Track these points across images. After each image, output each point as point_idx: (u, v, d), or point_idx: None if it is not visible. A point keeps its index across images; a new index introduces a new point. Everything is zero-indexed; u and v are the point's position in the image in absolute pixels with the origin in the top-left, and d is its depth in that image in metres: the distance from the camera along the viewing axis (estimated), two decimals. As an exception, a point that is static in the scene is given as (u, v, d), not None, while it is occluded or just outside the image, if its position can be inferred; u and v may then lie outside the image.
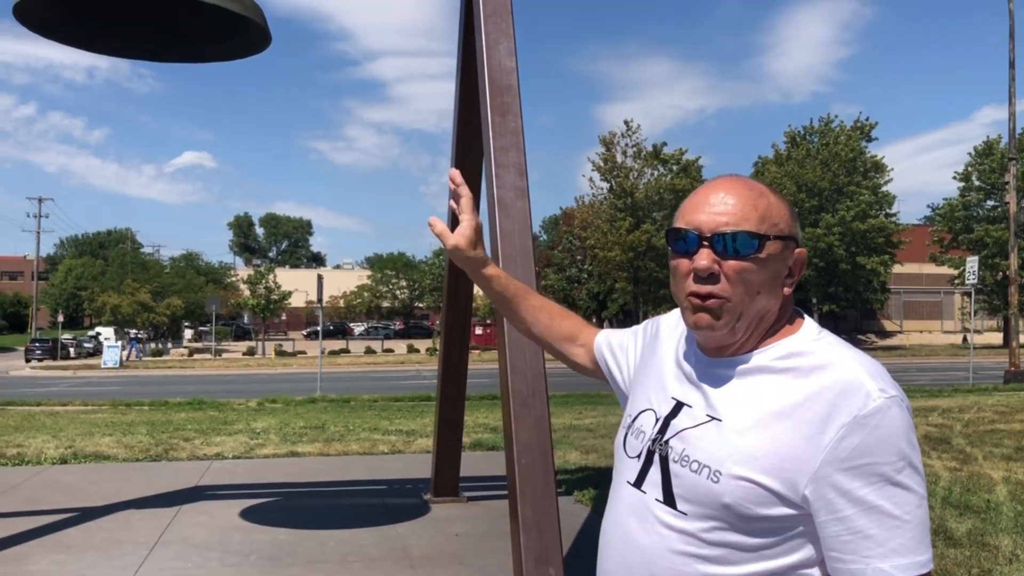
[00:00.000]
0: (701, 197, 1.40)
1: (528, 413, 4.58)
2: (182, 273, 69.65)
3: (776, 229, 1.35)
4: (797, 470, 1.24)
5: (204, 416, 15.23)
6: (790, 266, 1.38)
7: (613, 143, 50.37)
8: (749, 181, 1.39)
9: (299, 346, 59.23)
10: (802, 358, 1.32)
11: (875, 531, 1.20)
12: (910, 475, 1.21)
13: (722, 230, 1.34)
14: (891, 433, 1.21)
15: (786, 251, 1.37)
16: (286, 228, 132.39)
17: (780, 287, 1.37)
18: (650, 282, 50.07)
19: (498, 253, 5.02)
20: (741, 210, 1.34)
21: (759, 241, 1.33)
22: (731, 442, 1.31)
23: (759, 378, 1.34)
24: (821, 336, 1.37)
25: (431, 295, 78.90)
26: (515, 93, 5.42)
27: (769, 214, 1.35)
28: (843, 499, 1.21)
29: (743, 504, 1.27)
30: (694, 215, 1.38)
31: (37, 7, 4.47)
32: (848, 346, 1.35)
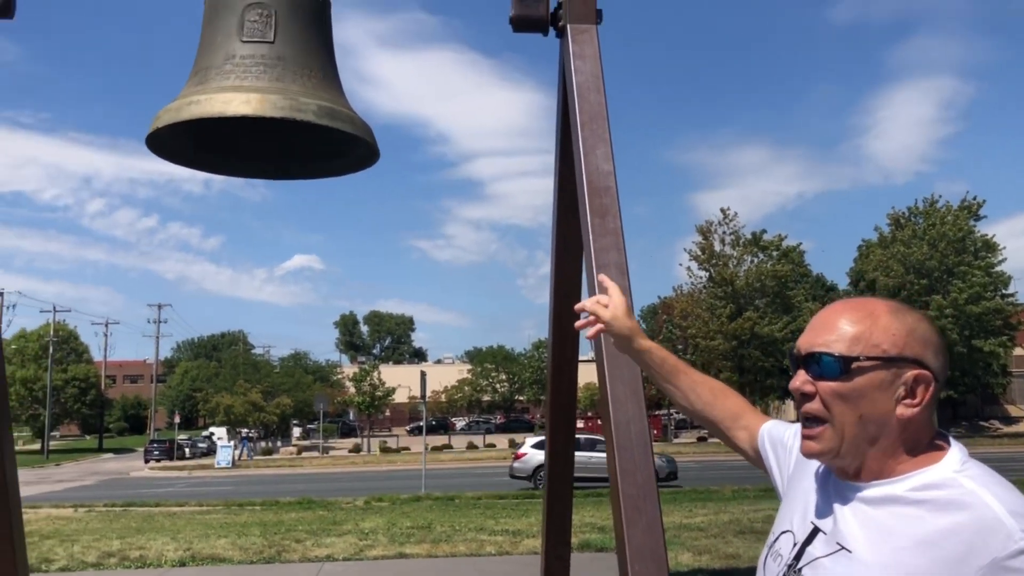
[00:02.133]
0: (812, 318, 1.43)
1: (640, 517, 4.50)
2: (291, 372, 71.64)
3: (876, 350, 1.32)
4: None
5: (314, 516, 15.45)
6: (907, 388, 1.32)
7: (710, 231, 50.13)
8: (864, 301, 1.38)
9: (403, 442, 59.66)
10: (940, 491, 1.27)
11: None
12: None
13: (811, 350, 1.36)
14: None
15: (891, 373, 1.32)
16: (389, 325, 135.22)
17: (891, 410, 1.33)
18: (756, 371, 48.85)
19: (602, 353, 5.04)
20: (834, 331, 1.35)
21: (843, 363, 1.33)
22: (860, 575, 1.28)
23: (892, 509, 1.30)
24: (964, 467, 1.30)
25: (531, 388, 78.77)
26: (613, 195, 5.53)
27: (868, 335, 1.33)
28: None
29: None
30: (802, 336, 1.42)
31: (167, 137, 4.83)
32: (994, 478, 1.28)
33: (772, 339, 46.65)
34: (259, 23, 4.80)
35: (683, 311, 51.95)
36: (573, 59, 5.83)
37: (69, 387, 67.10)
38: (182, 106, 4.34)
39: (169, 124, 4.42)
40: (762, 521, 12.34)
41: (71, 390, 67.36)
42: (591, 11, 5.88)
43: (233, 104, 4.22)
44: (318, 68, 4.85)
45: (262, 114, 4.27)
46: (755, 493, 18.90)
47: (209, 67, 4.60)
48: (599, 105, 5.69)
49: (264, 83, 4.42)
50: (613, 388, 5.03)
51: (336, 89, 5.27)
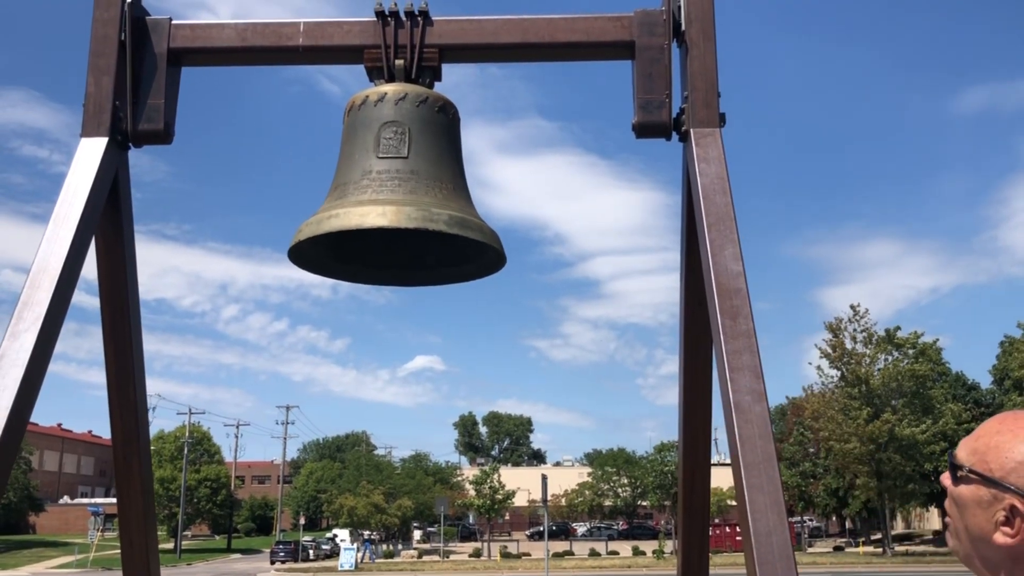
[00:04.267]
0: None
1: (785, 635, 4.24)
2: (412, 474, 72.14)
3: (982, 466, 1.31)
4: None
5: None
6: (1005, 515, 1.29)
7: (840, 328, 48.43)
8: (1014, 414, 1.36)
9: (523, 547, 58.66)
10: None
11: None
12: None
13: (952, 451, 1.40)
14: None
15: (991, 494, 1.30)
16: (508, 426, 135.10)
17: (991, 532, 1.30)
18: (895, 476, 46.08)
19: (739, 460, 4.85)
20: (968, 438, 1.38)
21: (954, 469, 1.35)
22: None
23: None
24: None
25: (654, 493, 76.51)
26: (744, 296, 5.42)
27: (985, 451, 1.33)
28: None
29: None
30: None
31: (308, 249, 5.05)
32: None
33: (913, 442, 44.10)
34: (394, 140, 5.04)
35: (815, 412, 49.88)
36: (698, 162, 5.85)
37: (202, 487, 69.41)
38: (322, 219, 4.58)
39: (310, 237, 4.65)
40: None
41: (203, 490, 69.64)
42: (714, 115, 5.90)
43: (370, 217, 4.42)
44: (449, 180, 5.04)
45: (397, 225, 4.45)
46: (902, 610, 17.59)
47: (347, 182, 4.85)
48: (726, 206, 5.66)
49: (399, 196, 4.61)
50: (752, 498, 4.82)
51: (465, 199, 5.45)
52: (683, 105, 5.17)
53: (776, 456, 4.99)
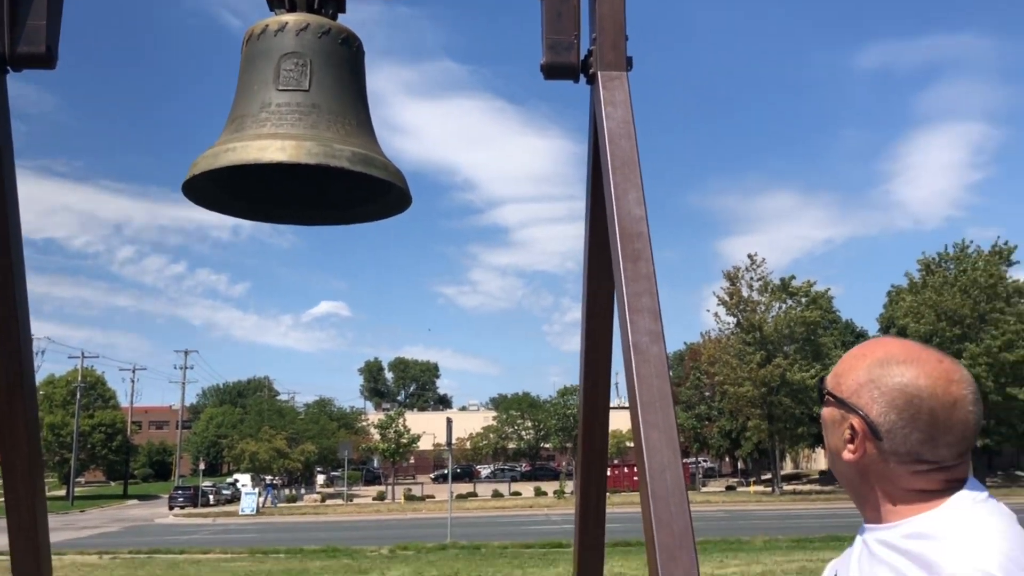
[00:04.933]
0: None
1: (676, 566, 4.40)
2: (316, 419, 71.60)
3: (837, 389, 1.39)
4: None
5: (339, 564, 15.31)
6: (850, 434, 1.36)
7: (738, 277, 49.91)
8: (872, 343, 1.41)
9: (427, 490, 59.27)
10: (926, 541, 1.26)
11: None
12: None
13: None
14: None
15: (840, 415, 1.38)
16: (414, 371, 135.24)
17: (840, 449, 1.38)
18: (785, 419, 48.20)
19: (636, 399, 4.97)
20: (836, 364, 1.44)
21: (819, 392, 1.44)
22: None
23: (886, 555, 1.30)
24: (956, 514, 1.29)
25: (557, 436, 78.14)
26: (646, 240, 5.51)
27: (841, 373, 1.40)
28: None
29: None
30: None
31: (203, 184, 4.89)
32: (976, 527, 1.26)
33: (803, 386, 46.08)
34: (295, 72, 4.87)
35: (711, 357, 51.55)
36: (604, 106, 5.87)
37: (96, 433, 67.46)
38: (219, 153, 4.41)
39: (205, 171, 4.48)
40: (795, 573, 12.07)
41: (97, 436, 67.71)
42: (621, 58, 5.92)
43: (269, 151, 4.28)
44: (352, 115, 4.92)
45: (297, 161, 4.32)
46: (787, 544, 18.53)
47: (245, 115, 4.67)
48: (630, 151, 5.71)
49: (299, 130, 4.47)
50: (648, 435, 4.96)
51: (369, 136, 5.33)
52: (591, 47, 5.16)
53: (672, 396, 5.14)
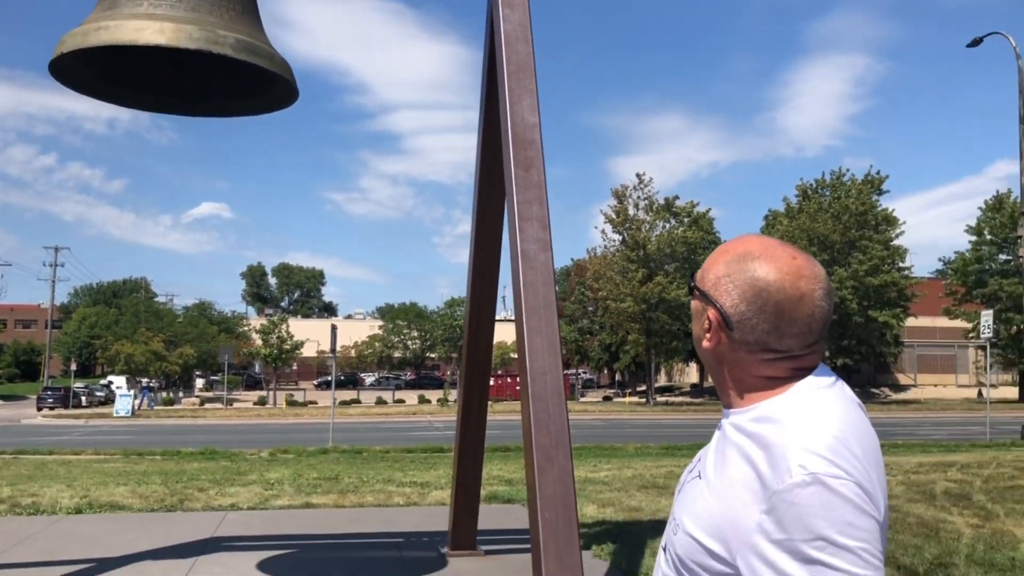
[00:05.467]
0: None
1: (552, 466, 4.57)
2: (195, 322, 69.95)
3: (701, 282, 1.46)
4: (734, 536, 1.27)
5: (217, 466, 15.19)
6: (708, 324, 1.43)
7: (626, 196, 50.72)
8: (741, 238, 1.48)
9: (310, 396, 59.11)
10: (768, 423, 1.32)
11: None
12: (835, 554, 1.19)
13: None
14: (806, 512, 1.20)
15: (702, 306, 1.46)
16: (298, 278, 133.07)
17: (702, 338, 1.45)
18: (662, 334, 49.94)
19: (521, 305, 5.05)
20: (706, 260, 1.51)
21: (689, 289, 1.51)
22: (695, 500, 1.39)
23: (735, 437, 1.36)
24: (797, 399, 1.35)
25: (443, 346, 78.86)
26: (538, 148, 5.51)
27: (706, 267, 1.47)
28: (769, 569, 1.22)
29: (686, 558, 1.35)
30: None
31: (73, 64, 4.58)
32: (813, 410, 1.32)
33: (679, 303, 47.71)
34: (176, -52, 4.55)
35: (596, 273, 52.60)
36: (501, 7, 5.76)
37: (-44, 330, 64.03)
38: (89, 31, 4.10)
39: (75, 50, 4.18)
40: (664, 476, 12.69)
41: (-42, 333, 64.31)
42: (521, -41, 5.79)
43: (146, 33, 4.01)
44: (236, 1, 4.65)
45: (176, 45, 4.07)
46: (657, 451, 19.43)
47: (121, -9, 4.35)
48: (527, 56, 5.65)
49: (180, 13, 4.21)
50: (531, 340, 5.06)
51: (255, 24, 5.06)
52: (490, -55, 5.00)
53: (556, 304, 5.22)
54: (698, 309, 1.48)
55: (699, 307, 1.47)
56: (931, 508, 9.79)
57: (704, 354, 1.48)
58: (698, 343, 1.48)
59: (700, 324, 1.47)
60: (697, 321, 1.48)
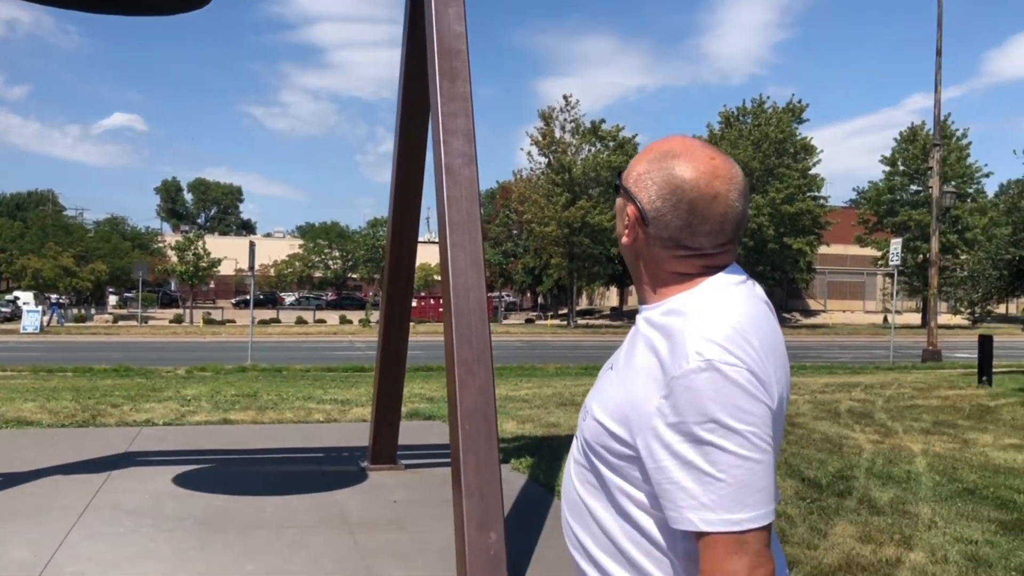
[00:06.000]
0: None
1: (473, 380, 4.59)
2: (107, 238, 67.59)
3: (625, 180, 1.48)
4: (636, 420, 1.33)
5: (131, 383, 14.89)
6: (629, 220, 1.46)
7: (552, 118, 50.39)
8: (666, 138, 1.49)
9: (228, 315, 58.10)
10: (674, 316, 1.37)
11: (689, 484, 1.26)
12: (725, 436, 1.24)
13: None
14: (700, 396, 1.25)
15: (623, 202, 1.48)
16: (216, 194, 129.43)
17: (623, 234, 1.49)
18: (585, 258, 50.39)
19: (445, 220, 4.99)
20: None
21: (615, 187, 1.52)
22: (603, 388, 1.45)
23: (644, 329, 1.41)
24: (705, 293, 1.39)
25: (365, 266, 78.14)
26: (464, 59, 5.38)
27: (631, 166, 1.49)
28: (664, 451, 1.28)
29: (593, 442, 1.42)
30: None
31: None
32: (718, 303, 1.37)
33: (602, 228, 48.09)
34: None
35: (521, 196, 52.49)
36: (429, -91, 5.52)
37: None
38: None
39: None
40: (582, 395, 12.94)
41: None
42: None
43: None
44: None
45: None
46: (577, 371, 19.79)
47: None
48: (454, -39, 5.46)
49: None
50: (454, 257, 5.02)
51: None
52: None
53: (480, 219, 5.18)
54: (620, 206, 1.50)
55: (621, 204, 1.50)
56: (835, 425, 10.25)
57: (623, 250, 1.51)
58: (620, 240, 1.51)
59: (621, 220, 1.50)
60: (619, 218, 1.51)
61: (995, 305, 21.08)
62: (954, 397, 13.33)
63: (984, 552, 5.20)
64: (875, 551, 5.20)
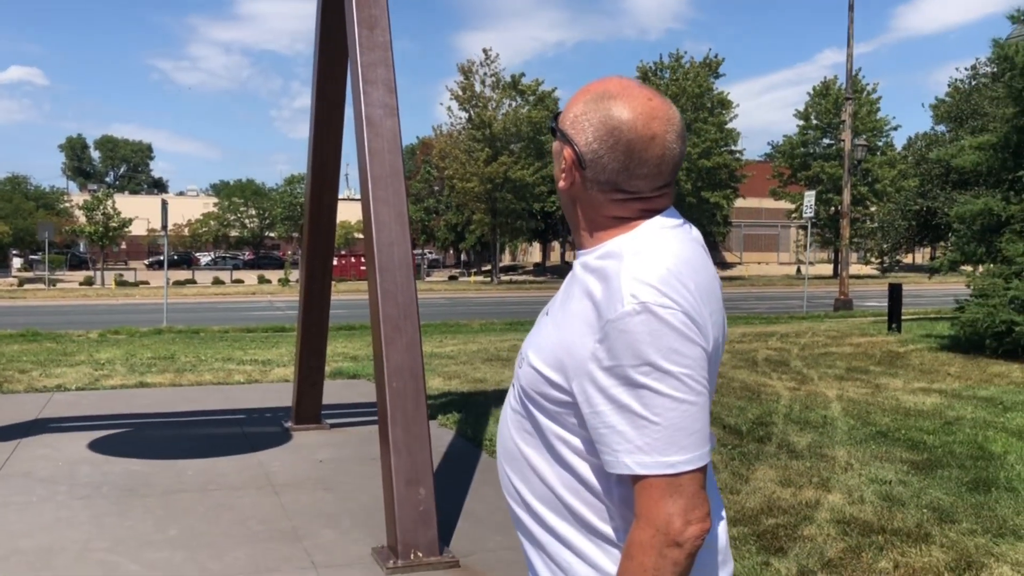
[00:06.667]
0: None
1: (400, 336, 4.52)
2: (8, 197, 64.68)
3: (561, 123, 1.43)
4: (571, 365, 1.31)
5: (41, 348, 14.33)
6: (565, 164, 1.42)
7: (472, 72, 49.80)
8: (603, 79, 1.44)
9: (141, 276, 56.40)
10: (610, 259, 1.34)
11: (624, 428, 1.24)
12: (660, 379, 1.23)
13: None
14: (635, 339, 1.24)
15: (560, 146, 1.43)
16: (124, 152, 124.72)
17: (559, 180, 1.45)
18: (507, 214, 50.31)
19: (367, 174, 4.87)
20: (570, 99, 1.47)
21: (550, 131, 1.46)
22: (539, 334, 1.43)
23: (581, 274, 1.38)
24: (641, 236, 1.36)
25: (282, 224, 76.61)
26: (383, 6, 5.22)
27: (567, 108, 1.44)
28: (600, 395, 1.26)
29: (529, 388, 1.40)
30: None
31: None
32: (653, 246, 1.33)
33: (524, 183, 48.03)
34: None
35: (442, 152, 51.96)
36: None
37: None
38: None
39: None
40: (508, 350, 12.98)
41: None
42: None
43: None
44: None
45: None
46: (502, 327, 19.84)
47: None
48: (371, -96, 5.25)
49: None
50: (377, 211, 4.90)
51: None
52: None
53: (403, 172, 5.06)
54: (557, 150, 1.46)
55: (558, 147, 1.45)
56: (753, 374, 10.51)
57: (561, 194, 1.47)
58: (557, 184, 1.47)
59: (558, 164, 1.45)
60: (556, 162, 1.46)
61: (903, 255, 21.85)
62: (866, 344, 13.80)
63: (897, 491, 5.41)
64: (795, 494, 5.36)
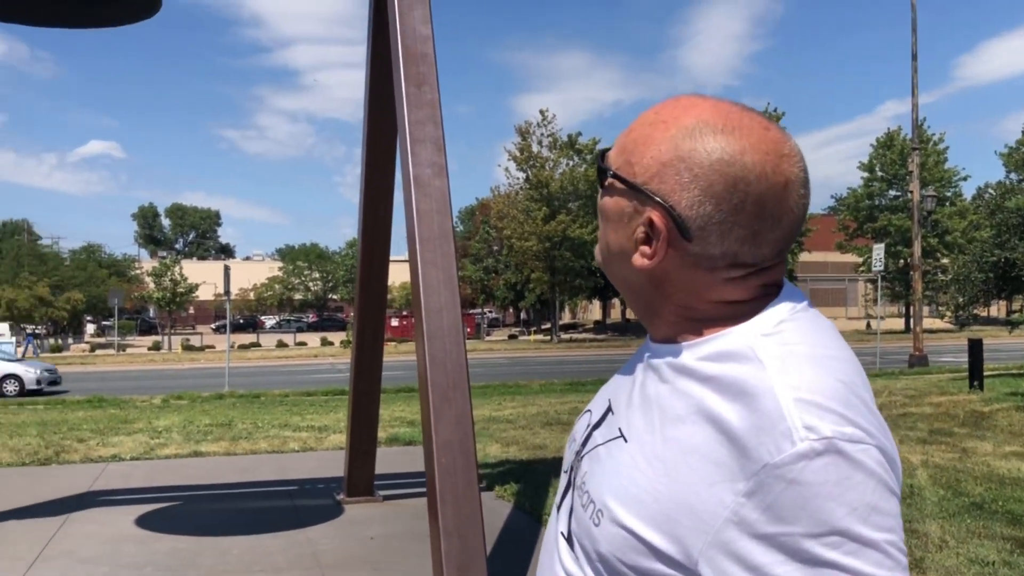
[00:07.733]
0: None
1: (449, 407, 4.22)
2: (83, 266, 66.82)
3: (627, 169, 0.97)
4: (693, 527, 0.86)
5: (103, 415, 14.40)
6: (644, 231, 0.95)
7: (529, 133, 50.20)
8: (679, 101, 0.98)
9: (207, 340, 57.36)
10: (731, 364, 0.90)
11: None
12: (855, 552, 0.80)
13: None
14: (815, 493, 0.80)
15: (633, 206, 0.96)
16: (193, 219, 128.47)
17: (629, 252, 0.98)
18: (566, 272, 50.14)
19: (415, 235, 4.65)
20: (622, 132, 1.00)
21: (599, 173, 1.00)
22: (623, 473, 0.94)
23: (684, 384, 0.93)
24: (777, 330, 0.92)
25: (345, 287, 77.64)
26: (431, 63, 5.05)
27: (636, 145, 0.97)
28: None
29: (615, 558, 0.92)
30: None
31: None
32: (794, 344, 0.91)
33: (582, 241, 47.87)
34: None
35: (500, 212, 52.21)
36: (389, -95, 5.20)
37: None
38: None
39: None
40: (568, 413, 12.58)
41: None
42: None
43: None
44: None
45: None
46: (562, 387, 19.42)
47: None
48: (417, -42, 5.13)
49: None
50: (425, 274, 4.66)
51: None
52: None
53: (453, 233, 4.82)
54: (624, 210, 0.98)
55: (627, 207, 0.97)
56: (829, 437, 9.94)
57: (631, 273, 0.99)
58: (620, 257, 1.00)
59: (627, 232, 0.97)
60: (621, 227, 0.98)
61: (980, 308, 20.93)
62: (947, 403, 13.07)
63: (1003, 574, 4.87)
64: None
